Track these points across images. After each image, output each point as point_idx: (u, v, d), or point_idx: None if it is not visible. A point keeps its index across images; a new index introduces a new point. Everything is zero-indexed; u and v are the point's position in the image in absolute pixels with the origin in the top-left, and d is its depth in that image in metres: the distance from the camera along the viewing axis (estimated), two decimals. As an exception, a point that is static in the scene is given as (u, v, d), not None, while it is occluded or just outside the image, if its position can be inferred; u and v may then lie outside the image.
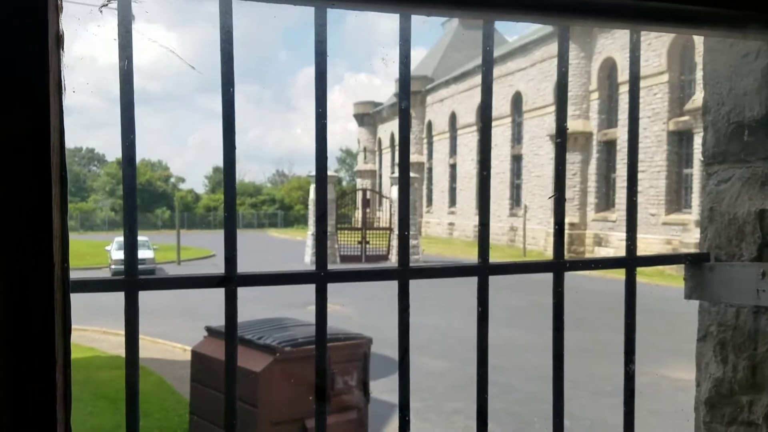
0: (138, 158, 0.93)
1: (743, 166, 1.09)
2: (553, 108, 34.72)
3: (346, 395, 8.69)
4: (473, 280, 1.07)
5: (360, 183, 62.98)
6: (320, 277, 0.96)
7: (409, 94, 1.00)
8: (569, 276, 1.05)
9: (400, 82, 1.04)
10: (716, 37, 1.10)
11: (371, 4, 0.89)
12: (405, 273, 1.02)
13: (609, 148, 32.04)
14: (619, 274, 1.08)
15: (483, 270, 1.04)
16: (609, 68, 31.81)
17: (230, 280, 0.91)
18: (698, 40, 20.25)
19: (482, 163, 1.09)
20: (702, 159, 1.17)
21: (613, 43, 30.67)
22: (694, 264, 1.12)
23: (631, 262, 1.08)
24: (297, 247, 36.14)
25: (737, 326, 1.09)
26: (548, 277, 1.08)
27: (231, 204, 0.92)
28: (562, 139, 1.16)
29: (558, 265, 1.06)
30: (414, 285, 1.06)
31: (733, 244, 1.08)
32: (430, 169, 53.81)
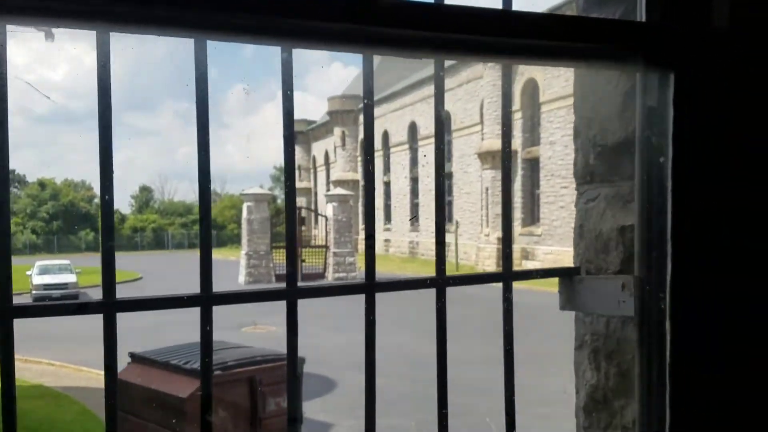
0: (60, 178, 0.92)
1: (608, 185, 1.17)
2: (479, 127, 35.73)
3: (278, 417, 8.57)
4: (409, 297, 1.12)
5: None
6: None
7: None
8: (494, 291, 1.10)
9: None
10: (578, 68, 1.19)
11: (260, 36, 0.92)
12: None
13: (533, 165, 33.15)
14: (546, 286, 1.15)
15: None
16: (531, 89, 32.99)
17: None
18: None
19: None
20: (574, 179, 1.25)
21: (534, 66, 31.75)
22: (567, 277, 1.20)
23: (507, 277, 1.15)
24: (230, 267, 35.44)
25: (608, 335, 1.17)
26: (474, 290, 1.15)
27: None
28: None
29: (440, 282, 1.11)
30: (352, 302, 1.09)
31: (600, 258, 1.16)
32: (364, 187, 53.99)
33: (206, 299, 0.97)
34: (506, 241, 1.15)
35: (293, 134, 1.05)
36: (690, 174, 0.87)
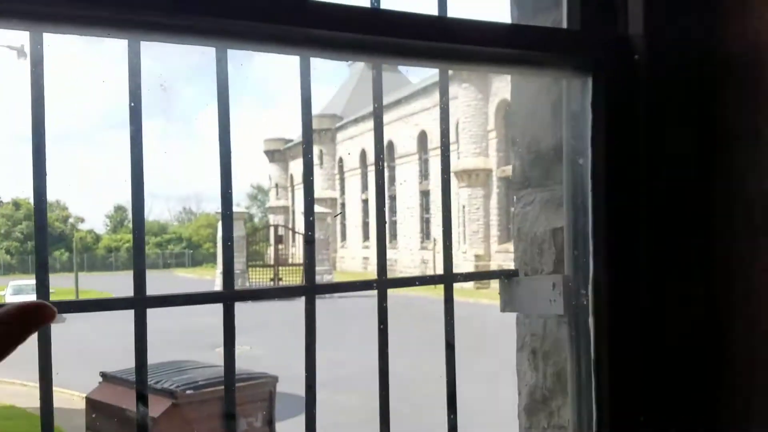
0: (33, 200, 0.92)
1: (543, 190, 1.21)
2: (455, 146, 36.07)
3: (251, 437, 8.47)
4: (390, 315, 1.13)
5: (273, 219, 62.19)
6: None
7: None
8: (473, 307, 1.12)
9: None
10: (517, 75, 1.23)
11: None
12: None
13: (507, 183, 33.51)
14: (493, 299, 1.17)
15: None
16: (504, 109, 33.50)
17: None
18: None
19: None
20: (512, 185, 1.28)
21: (507, 85, 32.19)
22: (507, 279, 1.22)
23: (448, 278, 1.17)
24: (206, 286, 35.06)
25: (545, 335, 1.20)
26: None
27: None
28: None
29: (381, 283, 1.13)
30: (324, 319, 1.10)
31: (536, 260, 1.19)
32: (343, 205, 54.06)
33: (141, 301, 0.97)
34: (447, 243, 1.18)
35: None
36: (607, 174, 0.91)
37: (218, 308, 1.09)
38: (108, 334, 19.30)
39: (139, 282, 0.97)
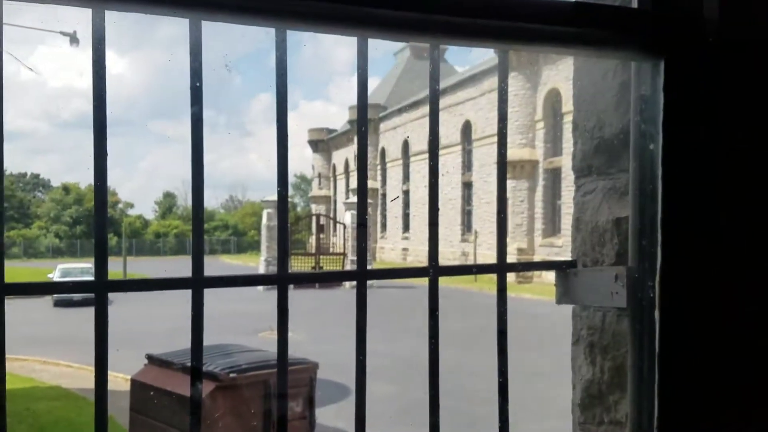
0: (84, 183, 0.93)
1: (605, 178, 1.16)
2: (502, 136, 35.58)
3: (292, 421, 8.57)
4: (422, 306, 1.12)
5: (314, 209, 62.77)
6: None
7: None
8: (518, 301, 1.10)
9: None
10: (581, 57, 1.19)
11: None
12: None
13: (554, 175, 32.93)
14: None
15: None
16: (554, 98, 32.85)
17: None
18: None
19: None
20: (573, 172, 1.24)
21: (557, 74, 31.71)
22: (564, 271, 1.19)
23: (503, 267, 1.14)
24: (250, 272, 35.65)
25: (604, 329, 1.16)
26: (494, 301, 1.15)
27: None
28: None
29: (434, 270, 1.11)
30: (370, 311, 1.09)
31: (596, 250, 1.15)
32: (384, 195, 54.13)
33: (199, 282, 0.98)
34: (501, 233, 1.15)
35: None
36: (679, 161, 0.86)
37: (260, 296, 1.09)
38: (152, 317, 19.83)
39: (198, 262, 0.97)
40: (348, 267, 34.12)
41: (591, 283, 1.12)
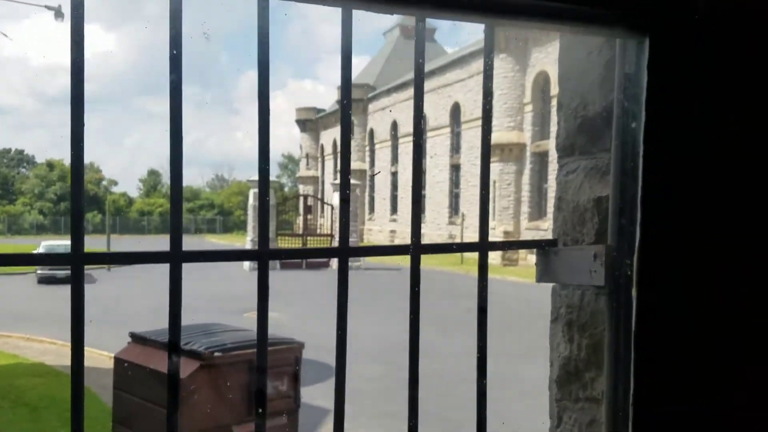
0: (69, 160, 0.91)
1: (588, 157, 1.16)
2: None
3: (276, 401, 8.60)
4: (407, 288, 1.12)
5: (302, 189, 62.60)
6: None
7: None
8: (503, 284, 1.10)
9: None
10: (566, 33, 1.18)
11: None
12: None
13: (541, 158, 33.02)
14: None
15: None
16: (543, 81, 32.81)
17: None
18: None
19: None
20: (556, 152, 1.24)
21: (546, 57, 31.66)
22: (544, 249, 1.19)
23: (484, 246, 1.14)
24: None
25: (582, 307, 1.16)
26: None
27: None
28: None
29: (415, 248, 1.11)
30: (357, 293, 1.09)
31: (576, 229, 1.15)
32: (372, 177, 54.04)
33: (177, 256, 0.97)
34: (484, 211, 1.15)
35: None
36: (660, 139, 0.86)
37: (247, 276, 1.09)
38: (135, 296, 19.76)
39: (176, 237, 0.96)
40: (334, 248, 34.05)
41: (570, 262, 1.12)
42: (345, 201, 1.04)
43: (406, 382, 1.20)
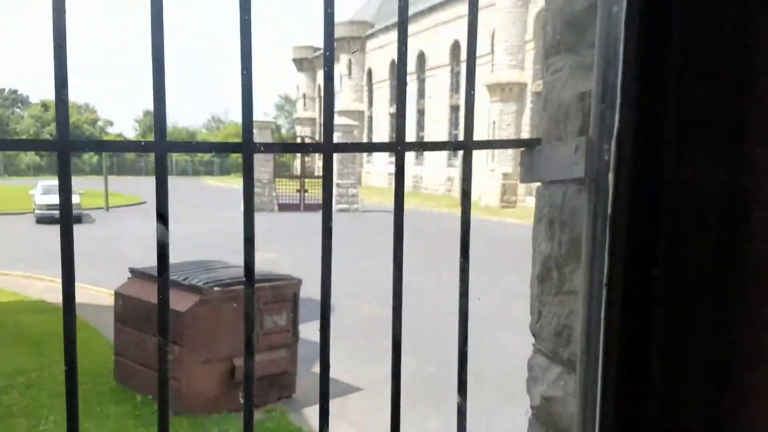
0: None
1: (574, 55, 1.16)
2: (489, 58, 34.92)
3: (276, 334, 8.78)
4: (410, 229, 1.15)
5: (300, 131, 62.07)
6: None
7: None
8: (497, 225, 1.11)
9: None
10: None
11: None
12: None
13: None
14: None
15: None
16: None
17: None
18: None
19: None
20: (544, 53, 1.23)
21: (549, -8, 30.86)
22: (528, 149, 1.20)
23: (469, 146, 1.15)
24: (233, 195, 35.58)
25: (564, 205, 1.18)
26: (477, 225, 1.18)
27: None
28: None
29: (400, 144, 1.12)
30: (351, 233, 1.11)
31: (560, 126, 1.16)
32: (370, 118, 53.53)
33: (160, 146, 0.98)
34: (468, 110, 1.15)
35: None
36: (641, 21, 0.86)
37: (240, 216, 1.09)
38: (135, 235, 19.84)
39: (160, 126, 0.97)
40: (334, 191, 34.02)
41: (553, 158, 1.14)
42: (329, 78, 1.04)
43: (402, 322, 1.23)
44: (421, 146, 1.17)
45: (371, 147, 1.19)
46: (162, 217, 0.94)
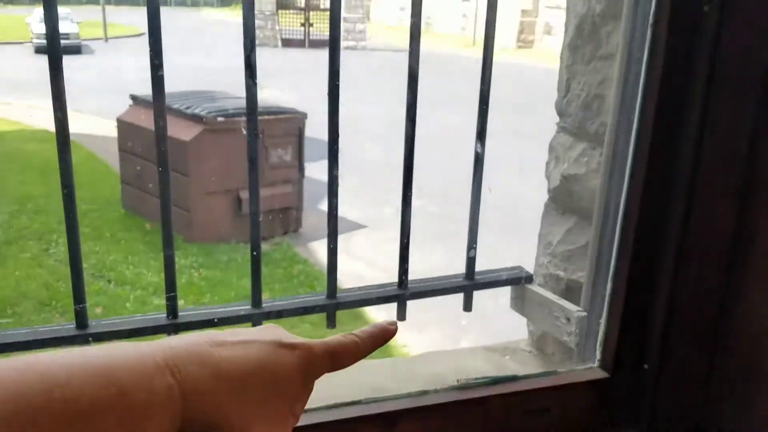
0: None
1: None
2: None
3: (281, 169, 8.74)
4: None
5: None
6: None
7: None
8: (511, 66, 0.88)
9: None
10: None
11: None
12: None
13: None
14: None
15: None
16: None
17: None
18: None
19: None
20: None
21: None
22: None
23: None
24: (235, 29, 34.16)
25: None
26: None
27: None
28: None
29: None
30: (358, 74, 0.94)
31: None
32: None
33: None
34: None
35: None
36: None
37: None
38: (135, 66, 19.33)
39: None
40: (342, 26, 32.54)
41: None
42: None
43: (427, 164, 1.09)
44: None
45: None
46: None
